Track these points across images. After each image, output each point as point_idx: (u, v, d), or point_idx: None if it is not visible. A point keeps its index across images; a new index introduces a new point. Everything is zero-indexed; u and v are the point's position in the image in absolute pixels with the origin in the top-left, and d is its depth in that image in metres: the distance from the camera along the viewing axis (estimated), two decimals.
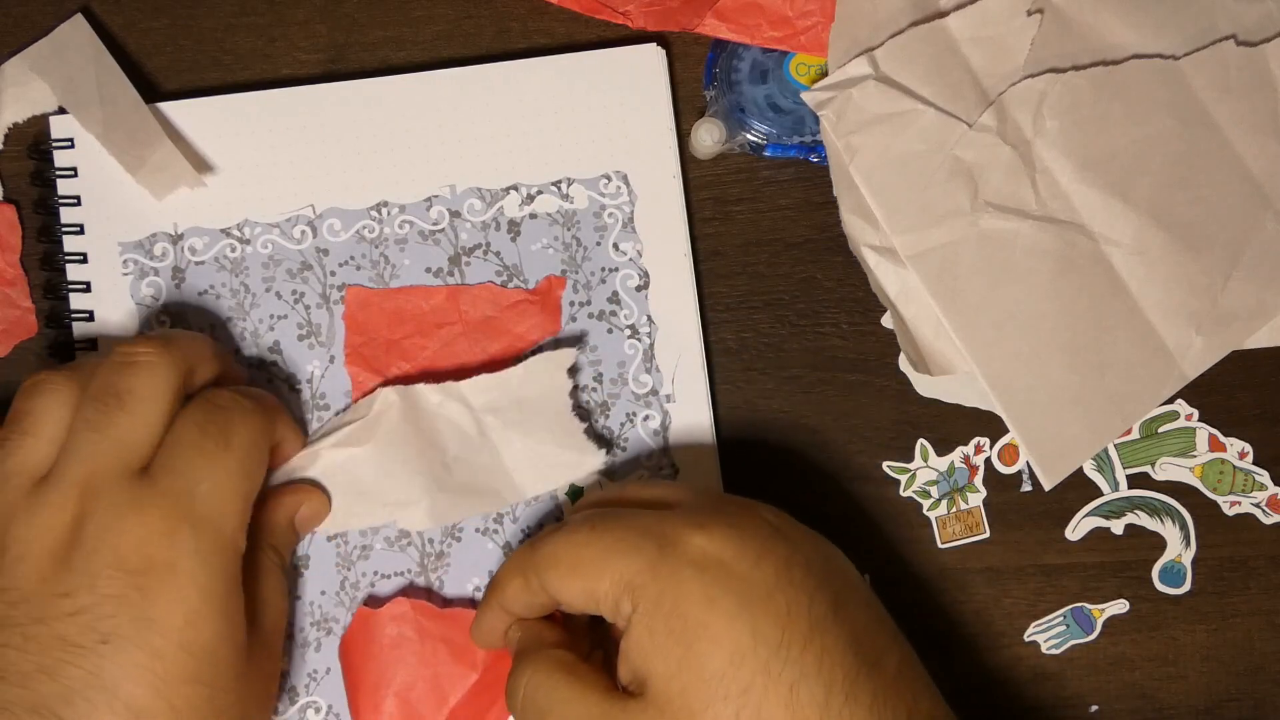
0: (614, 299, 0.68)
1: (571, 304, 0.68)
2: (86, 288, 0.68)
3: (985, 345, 0.66)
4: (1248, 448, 0.70)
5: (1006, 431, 0.69)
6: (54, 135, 0.68)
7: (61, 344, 0.68)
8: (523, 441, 0.66)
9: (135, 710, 0.54)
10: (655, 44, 0.69)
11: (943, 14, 0.68)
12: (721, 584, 0.53)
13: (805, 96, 0.67)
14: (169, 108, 0.68)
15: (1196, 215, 0.68)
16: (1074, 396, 0.66)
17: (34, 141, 0.69)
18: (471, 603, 0.67)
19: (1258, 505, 0.69)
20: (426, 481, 0.65)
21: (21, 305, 0.68)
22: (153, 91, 0.70)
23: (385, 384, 0.67)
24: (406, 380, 0.66)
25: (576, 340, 0.68)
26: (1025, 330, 0.67)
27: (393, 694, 0.65)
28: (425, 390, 0.65)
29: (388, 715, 0.65)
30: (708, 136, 0.68)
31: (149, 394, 0.58)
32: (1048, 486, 0.67)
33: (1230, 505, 0.69)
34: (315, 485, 0.65)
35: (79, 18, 0.69)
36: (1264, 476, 0.70)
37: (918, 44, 0.67)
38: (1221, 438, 0.70)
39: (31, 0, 0.70)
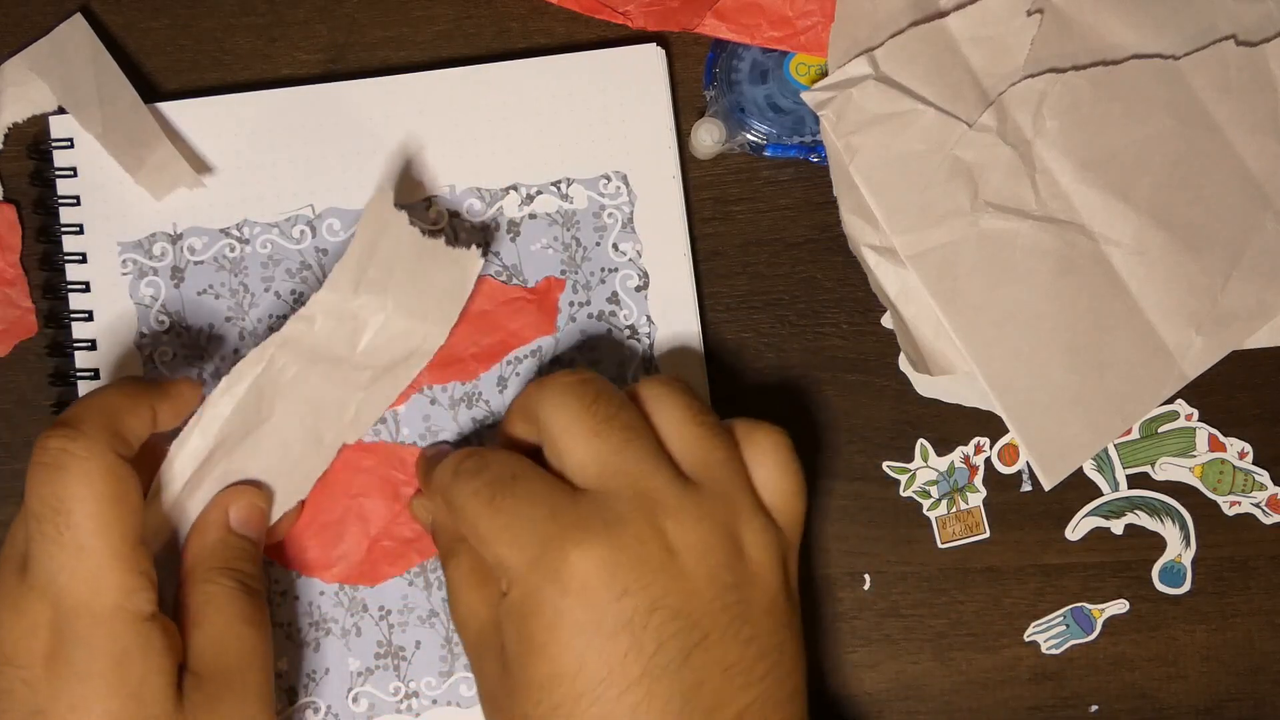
0: (613, 299, 0.68)
1: (571, 304, 0.68)
2: (86, 287, 0.68)
3: (985, 345, 0.66)
4: (1248, 448, 0.70)
5: (1006, 431, 0.69)
6: (54, 135, 0.68)
7: (60, 344, 0.68)
8: (404, 287, 0.63)
9: None
10: (655, 44, 0.69)
11: (943, 14, 0.68)
12: (571, 610, 0.54)
13: (805, 96, 0.67)
14: (168, 108, 0.68)
15: (1196, 215, 0.68)
16: (1074, 396, 0.67)
17: (33, 141, 0.69)
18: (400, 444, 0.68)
19: (1258, 505, 0.69)
20: (345, 393, 0.65)
21: (21, 305, 0.69)
22: (153, 92, 0.70)
23: None
24: None
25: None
26: (1025, 330, 0.67)
27: (318, 525, 0.67)
28: (291, 330, 0.62)
29: (314, 546, 0.67)
30: (708, 136, 0.68)
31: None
32: (1048, 486, 0.67)
33: (1230, 505, 0.69)
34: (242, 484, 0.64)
35: (78, 18, 0.69)
36: (1264, 476, 0.70)
37: (918, 44, 0.67)
38: (1221, 438, 0.70)
39: (31, 0, 0.70)
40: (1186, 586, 0.69)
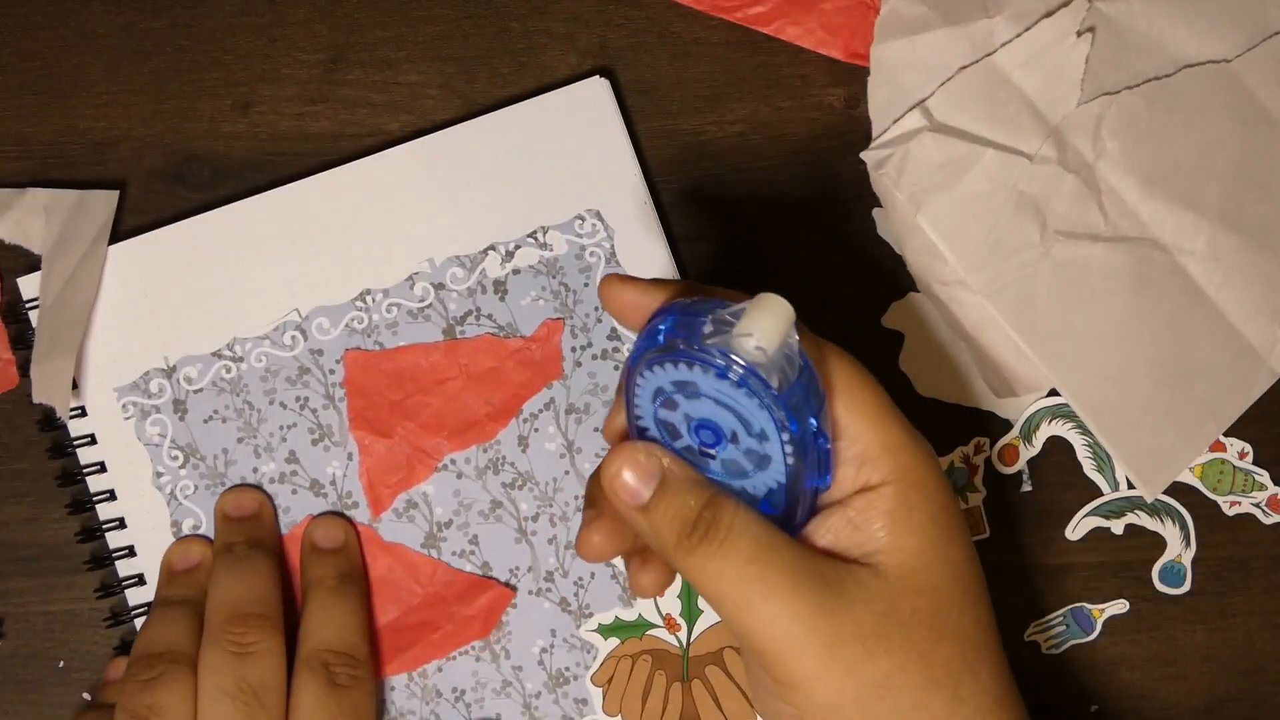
0: (613, 335, 0.68)
1: (573, 349, 0.68)
2: (92, 440, 0.67)
3: (1071, 370, 0.68)
4: (1248, 448, 0.70)
5: (1006, 431, 0.70)
6: (25, 296, 0.67)
7: (81, 501, 0.67)
8: None
9: None
10: (598, 75, 0.69)
11: (990, 52, 0.68)
12: None
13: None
14: (140, 242, 0.68)
15: (1266, 212, 0.69)
16: (1165, 408, 0.68)
17: (9, 305, 0.68)
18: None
19: (1258, 505, 0.70)
20: None
21: (1, 357, 0.68)
22: (153, 92, 0.70)
23: (393, 443, 0.68)
24: (415, 440, 0.68)
25: None
26: (1109, 350, 0.68)
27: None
28: None
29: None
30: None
31: (278, 684, 0.61)
32: (1149, 498, 0.69)
33: (1230, 505, 0.70)
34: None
35: (114, 195, 0.69)
36: (1264, 476, 0.70)
37: (968, 86, 0.68)
38: (1221, 438, 0.70)
39: (31, 1, 0.71)
40: (1186, 586, 0.70)
